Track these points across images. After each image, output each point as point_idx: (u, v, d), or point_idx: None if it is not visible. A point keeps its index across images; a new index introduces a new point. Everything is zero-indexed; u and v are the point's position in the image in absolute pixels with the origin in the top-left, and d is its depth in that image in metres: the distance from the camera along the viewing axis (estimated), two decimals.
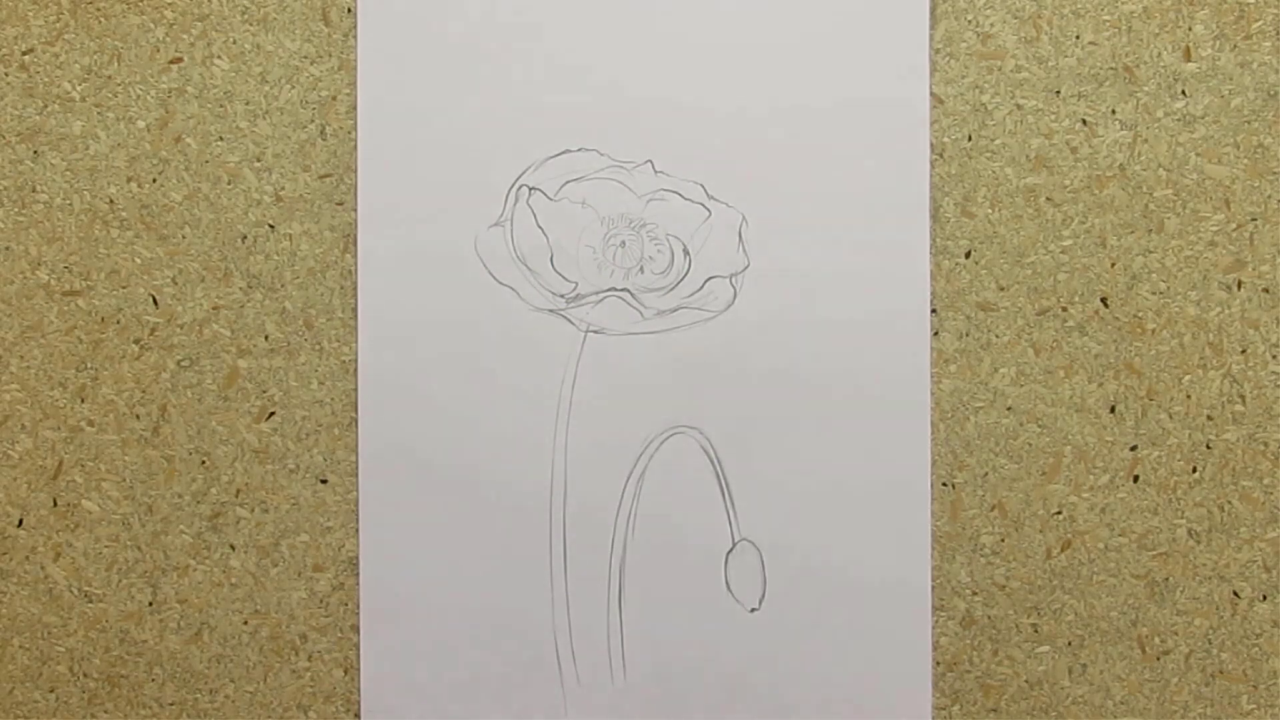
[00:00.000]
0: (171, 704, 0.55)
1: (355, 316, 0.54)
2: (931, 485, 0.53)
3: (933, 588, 0.53)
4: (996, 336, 0.53)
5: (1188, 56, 0.53)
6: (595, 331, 0.53)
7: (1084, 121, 0.53)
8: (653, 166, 0.53)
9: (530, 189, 0.53)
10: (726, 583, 0.53)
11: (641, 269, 0.53)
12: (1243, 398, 0.53)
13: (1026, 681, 0.54)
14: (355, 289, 0.53)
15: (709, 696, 0.54)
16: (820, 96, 0.53)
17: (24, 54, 0.54)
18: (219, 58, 0.53)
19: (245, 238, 0.54)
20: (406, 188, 0.53)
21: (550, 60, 0.53)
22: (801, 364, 0.53)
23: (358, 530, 0.54)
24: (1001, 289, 0.53)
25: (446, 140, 0.53)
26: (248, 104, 0.53)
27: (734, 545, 0.53)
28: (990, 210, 0.53)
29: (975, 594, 0.54)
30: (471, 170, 0.53)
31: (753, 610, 0.53)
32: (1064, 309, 0.53)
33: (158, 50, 0.54)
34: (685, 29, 0.53)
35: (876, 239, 0.53)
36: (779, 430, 0.53)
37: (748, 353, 0.53)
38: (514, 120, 0.53)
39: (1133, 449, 0.53)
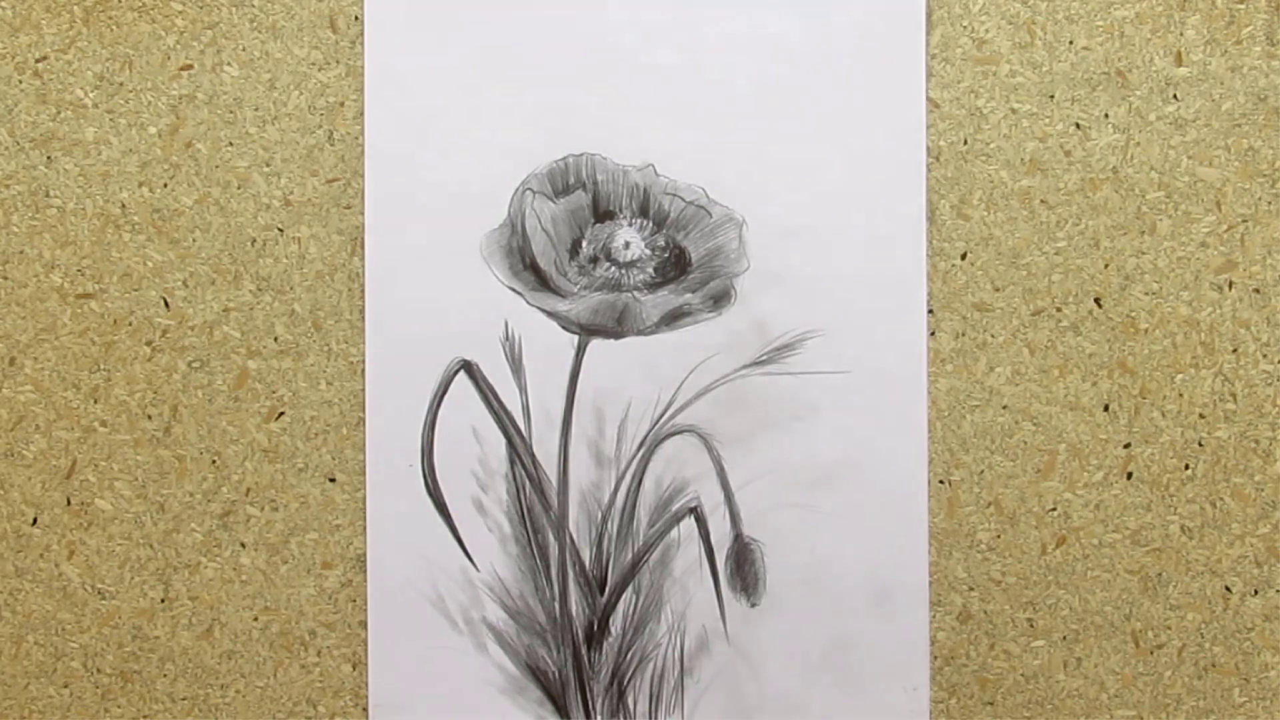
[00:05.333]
0: (183, 699, 0.55)
1: (363, 318, 0.54)
2: (929, 483, 0.54)
3: (930, 583, 0.54)
4: (992, 336, 0.54)
5: (1179, 61, 0.53)
6: (597, 332, 0.54)
7: (1077, 125, 0.54)
8: (654, 169, 0.53)
9: (534, 192, 0.54)
10: (728, 579, 0.54)
11: (643, 270, 0.53)
12: (1234, 396, 0.54)
13: (1022, 675, 0.54)
14: (363, 291, 0.54)
15: (710, 692, 0.54)
16: (819, 101, 0.53)
17: (37, 61, 0.54)
18: (228, 64, 0.54)
19: (255, 241, 0.54)
20: (413, 191, 0.54)
21: (553, 65, 0.54)
22: (800, 364, 0.54)
23: (365, 528, 0.54)
24: (997, 289, 0.54)
25: (451, 144, 0.54)
26: (257, 110, 0.54)
27: (735, 542, 0.54)
28: (985, 212, 0.54)
29: (972, 589, 0.54)
30: (476, 173, 0.54)
31: (753, 606, 0.54)
32: (1058, 309, 0.54)
33: (168, 57, 0.54)
34: (686, 35, 0.53)
35: (874, 241, 0.53)
36: (779, 429, 0.54)
37: (748, 353, 0.54)
38: (518, 124, 0.54)
39: (1126, 446, 0.54)
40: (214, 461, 0.55)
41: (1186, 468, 0.54)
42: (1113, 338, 0.54)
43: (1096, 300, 0.54)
